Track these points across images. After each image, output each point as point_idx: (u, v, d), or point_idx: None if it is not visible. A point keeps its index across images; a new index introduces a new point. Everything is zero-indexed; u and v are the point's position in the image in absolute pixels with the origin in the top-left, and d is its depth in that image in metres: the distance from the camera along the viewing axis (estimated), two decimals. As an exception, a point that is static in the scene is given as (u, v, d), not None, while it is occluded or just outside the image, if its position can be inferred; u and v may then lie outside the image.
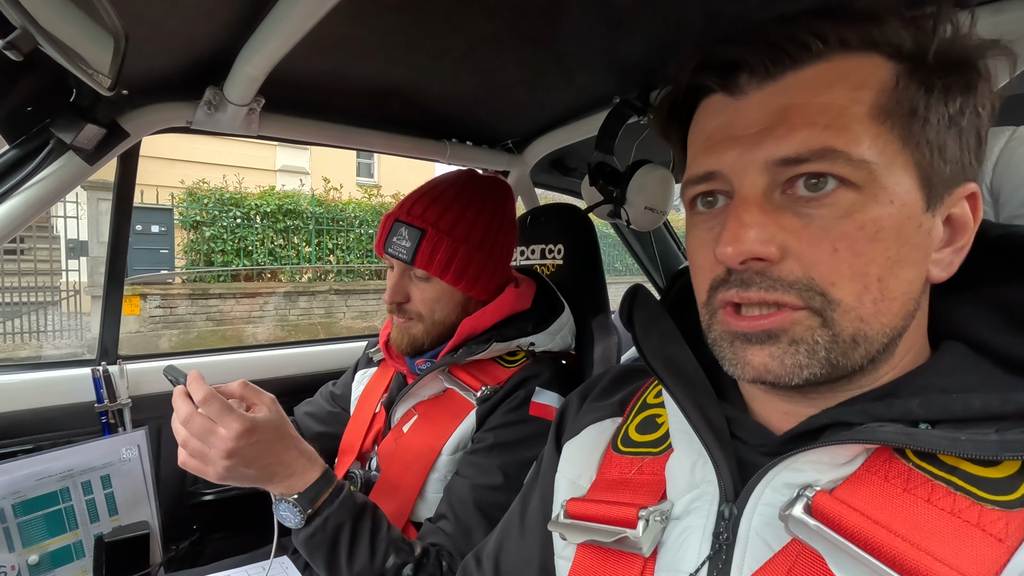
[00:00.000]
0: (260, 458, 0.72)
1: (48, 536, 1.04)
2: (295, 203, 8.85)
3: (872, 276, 0.38)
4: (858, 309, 0.39)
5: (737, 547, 0.42)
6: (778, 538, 0.40)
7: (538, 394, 0.90)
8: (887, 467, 0.38)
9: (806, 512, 0.38)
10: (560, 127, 1.32)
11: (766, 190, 0.41)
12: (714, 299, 0.44)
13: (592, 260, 1.17)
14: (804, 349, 0.40)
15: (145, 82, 0.90)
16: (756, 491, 0.42)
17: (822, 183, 0.39)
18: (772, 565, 0.40)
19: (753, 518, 0.42)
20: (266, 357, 1.45)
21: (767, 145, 0.40)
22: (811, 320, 0.39)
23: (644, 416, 0.56)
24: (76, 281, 7.68)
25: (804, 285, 0.39)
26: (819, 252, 0.39)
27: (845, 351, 0.39)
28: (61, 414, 1.13)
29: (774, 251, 0.39)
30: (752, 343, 0.41)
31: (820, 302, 0.39)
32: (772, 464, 0.42)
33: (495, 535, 0.67)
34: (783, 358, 0.40)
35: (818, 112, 0.38)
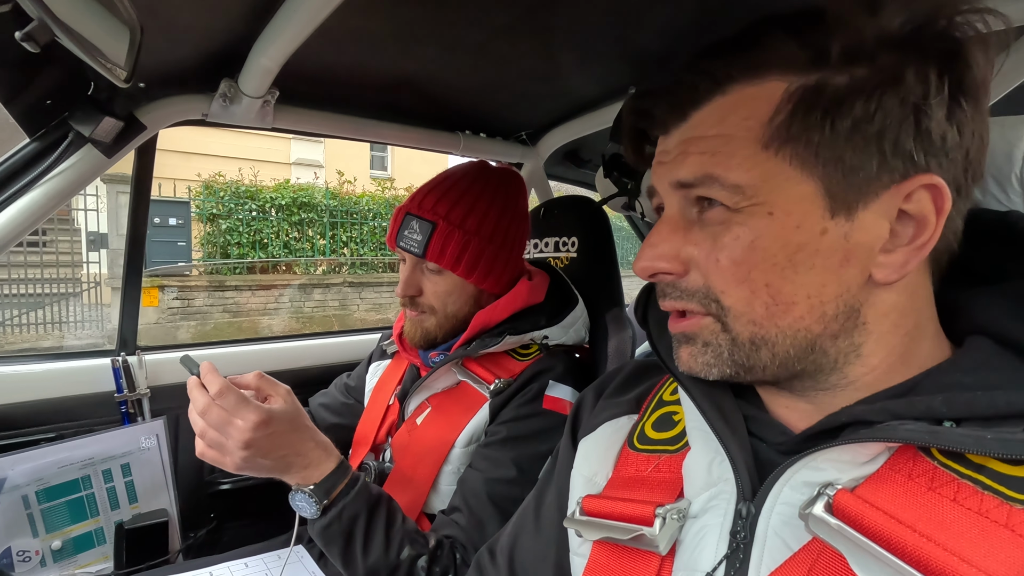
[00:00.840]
0: (277, 449, 0.73)
1: (70, 522, 1.06)
2: (309, 196, 8.91)
3: (758, 283, 0.41)
4: (749, 314, 0.42)
5: (755, 546, 0.41)
6: (797, 537, 0.40)
7: (552, 387, 0.90)
8: (911, 465, 0.37)
9: (827, 511, 0.37)
10: (574, 118, 1.31)
11: (682, 208, 0.45)
12: None
13: (606, 253, 1.16)
14: (711, 351, 0.45)
15: (161, 75, 0.91)
16: (774, 489, 0.42)
17: (709, 204, 0.43)
18: (791, 565, 0.39)
19: (771, 517, 0.41)
20: (281, 349, 1.47)
21: (672, 170, 0.45)
22: (714, 325, 0.44)
23: (660, 413, 0.56)
24: (97, 273, 7.82)
25: (703, 294, 0.44)
26: (710, 264, 0.43)
27: (748, 353, 0.43)
28: (82, 403, 1.15)
29: (677, 266, 0.45)
30: (681, 342, 0.47)
31: (716, 308, 0.43)
32: (791, 462, 0.42)
33: (509, 529, 0.67)
34: (697, 357, 0.46)
35: (708, 143, 0.42)
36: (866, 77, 0.38)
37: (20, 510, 1.01)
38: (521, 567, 0.62)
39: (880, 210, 0.40)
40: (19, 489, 1.01)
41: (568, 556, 0.56)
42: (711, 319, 0.44)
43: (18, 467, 1.02)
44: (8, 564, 1.00)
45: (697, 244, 0.44)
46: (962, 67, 0.38)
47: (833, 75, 0.39)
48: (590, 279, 1.13)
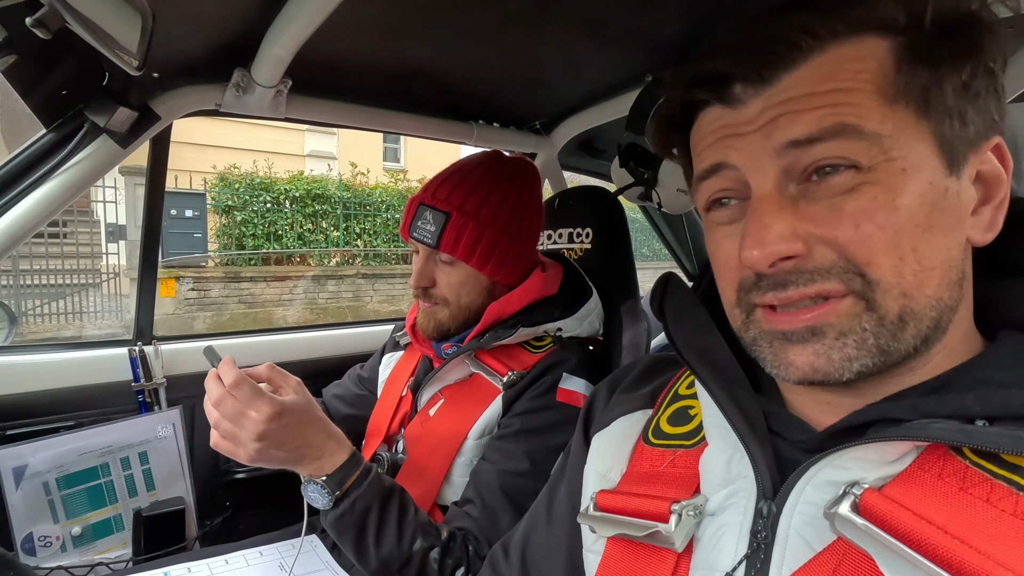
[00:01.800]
0: (289, 440, 0.73)
1: (90, 509, 1.08)
2: (323, 188, 8.96)
3: (906, 247, 0.37)
4: (900, 285, 0.37)
5: (776, 546, 0.40)
6: (820, 537, 0.38)
7: (565, 380, 0.89)
8: (941, 464, 0.36)
9: (853, 510, 0.36)
10: (590, 107, 1.29)
11: (779, 183, 0.40)
12: (749, 299, 0.43)
13: (621, 244, 1.14)
14: (852, 340, 0.38)
15: (175, 64, 0.91)
16: (796, 488, 0.40)
17: (832, 169, 0.38)
18: (814, 565, 0.38)
19: (793, 516, 0.40)
20: (296, 339, 1.47)
21: (774, 134, 0.39)
22: (855, 307, 0.38)
23: (676, 408, 0.55)
24: (115, 264, 7.95)
25: (842, 267, 0.38)
26: (843, 232, 0.38)
27: (894, 333, 0.38)
28: (100, 392, 1.17)
29: (800, 246, 0.38)
30: (794, 342, 0.40)
31: (860, 284, 0.37)
32: (813, 461, 0.40)
33: (522, 526, 0.66)
34: (830, 354, 0.39)
35: (825, 97, 0.38)
36: (960, 44, 0.38)
37: (41, 496, 1.03)
38: (533, 563, 0.62)
39: (970, 171, 0.39)
40: (40, 476, 1.03)
41: (581, 552, 0.55)
42: (851, 300, 0.38)
43: (39, 454, 1.03)
44: (30, 549, 1.02)
45: (815, 218, 0.38)
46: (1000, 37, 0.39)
47: (931, 38, 0.38)
48: (605, 271, 1.11)
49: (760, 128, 0.40)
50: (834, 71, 0.38)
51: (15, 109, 0.89)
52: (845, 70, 0.38)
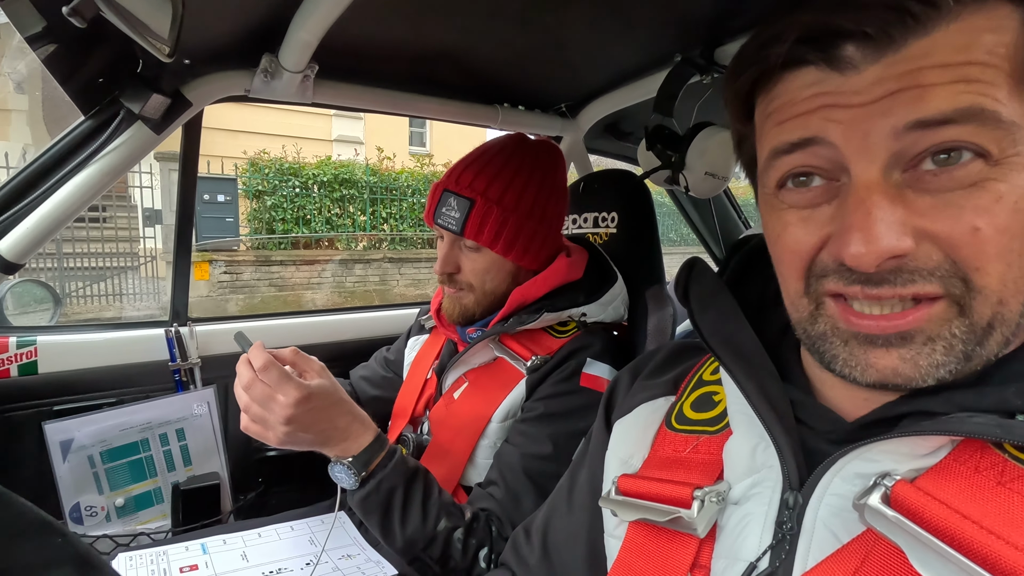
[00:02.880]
0: (316, 423, 0.75)
1: (132, 482, 1.13)
2: (350, 172, 9.04)
3: (1016, 253, 0.34)
4: (1001, 292, 0.34)
5: (802, 537, 0.40)
6: (847, 529, 0.38)
7: (589, 365, 0.89)
8: (978, 457, 0.35)
9: (884, 502, 0.35)
10: (616, 89, 1.26)
11: (886, 168, 0.35)
12: (819, 288, 0.39)
13: (647, 229, 1.13)
14: (941, 346, 0.35)
15: (205, 51, 0.92)
16: (824, 480, 0.40)
17: (956, 156, 0.33)
18: (841, 556, 0.37)
19: (820, 508, 0.39)
20: (323, 322, 1.50)
21: (895, 110, 0.34)
22: (948, 312, 0.35)
23: (700, 393, 0.54)
24: (152, 247, 8.20)
25: (946, 271, 0.35)
26: (959, 232, 0.34)
27: (981, 340, 0.35)
28: (139, 371, 1.21)
29: (910, 244, 0.34)
30: (877, 345, 0.37)
31: (960, 289, 0.35)
32: (842, 452, 0.39)
33: (544, 510, 0.67)
34: (917, 359, 0.36)
35: (959, 71, 0.33)
36: None
37: (87, 469, 1.08)
38: (554, 547, 0.62)
39: None
40: (85, 450, 1.08)
41: (602, 537, 0.55)
42: (945, 304, 0.35)
43: (84, 429, 1.08)
44: (78, 518, 1.07)
45: (926, 213, 0.34)
46: None
47: None
48: (630, 255, 1.10)
49: (876, 101, 0.35)
50: (971, 41, 0.33)
51: (55, 97, 0.93)
52: (983, 42, 0.33)
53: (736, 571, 0.42)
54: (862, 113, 0.35)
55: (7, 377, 1.09)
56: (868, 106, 0.35)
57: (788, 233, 0.40)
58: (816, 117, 0.37)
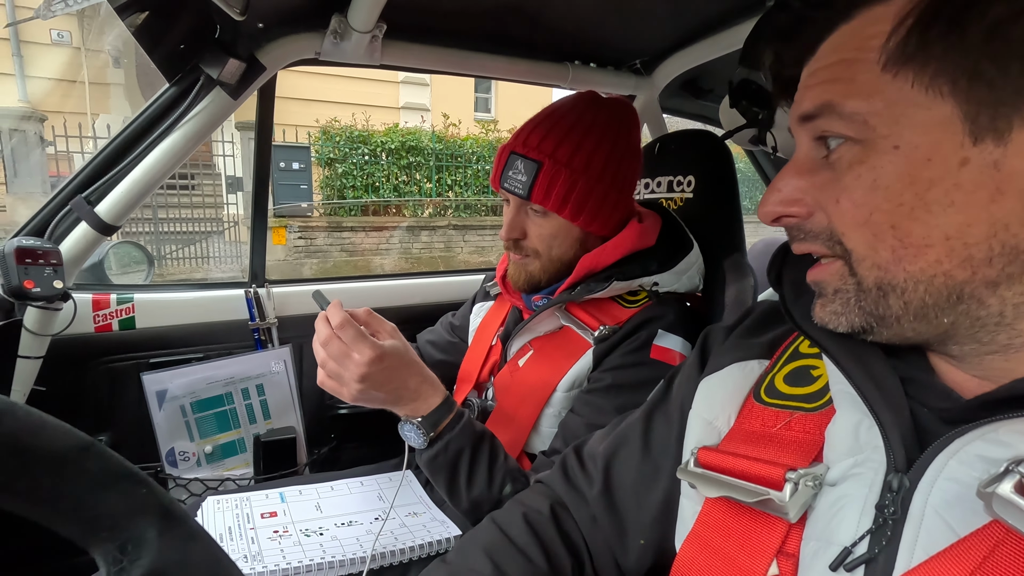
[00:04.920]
0: (389, 382, 0.76)
1: (218, 431, 1.21)
2: (417, 140, 9.14)
3: (882, 225, 0.38)
4: (872, 258, 0.39)
5: (908, 524, 0.36)
6: (966, 520, 0.34)
7: (660, 337, 0.85)
8: None
9: (1018, 492, 0.30)
10: (697, 42, 1.17)
11: (809, 149, 0.42)
12: None
13: (728, 193, 1.05)
14: (840, 298, 0.41)
15: (276, 13, 0.93)
16: (937, 462, 0.36)
17: (830, 141, 0.40)
18: (959, 550, 0.33)
19: (932, 493, 0.35)
20: (391, 286, 1.53)
21: (797, 104, 0.42)
22: (843, 269, 0.41)
23: (796, 366, 0.50)
24: (235, 213, 8.71)
25: (827, 235, 0.41)
26: (830, 204, 0.40)
27: (876, 300, 0.39)
28: (223, 329, 1.29)
29: (798, 209, 0.42)
30: (816, 295, 0.44)
31: (840, 250, 0.40)
32: (960, 431, 0.35)
33: (607, 441, 0.64)
34: (826, 306, 0.43)
35: (828, 71, 0.40)
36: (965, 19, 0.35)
37: (179, 418, 1.17)
38: (619, 484, 0.60)
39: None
40: (177, 400, 1.17)
41: (679, 496, 0.53)
42: (840, 263, 0.41)
43: (176, 381, 1.17)
44: (173, 461, 1.17)
45: (821, 186, 0.41)
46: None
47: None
48: (707, 222, 1.03)
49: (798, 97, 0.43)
50: (847, 38, 0.39)
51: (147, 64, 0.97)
52: (857, 36, 0.38)
53: (828, 556, 0.38)
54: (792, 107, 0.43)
55: (109, 331, 1.19)
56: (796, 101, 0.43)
57: None
58: None
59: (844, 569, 0.37)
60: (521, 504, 0.63)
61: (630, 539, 0.58)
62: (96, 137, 7.58)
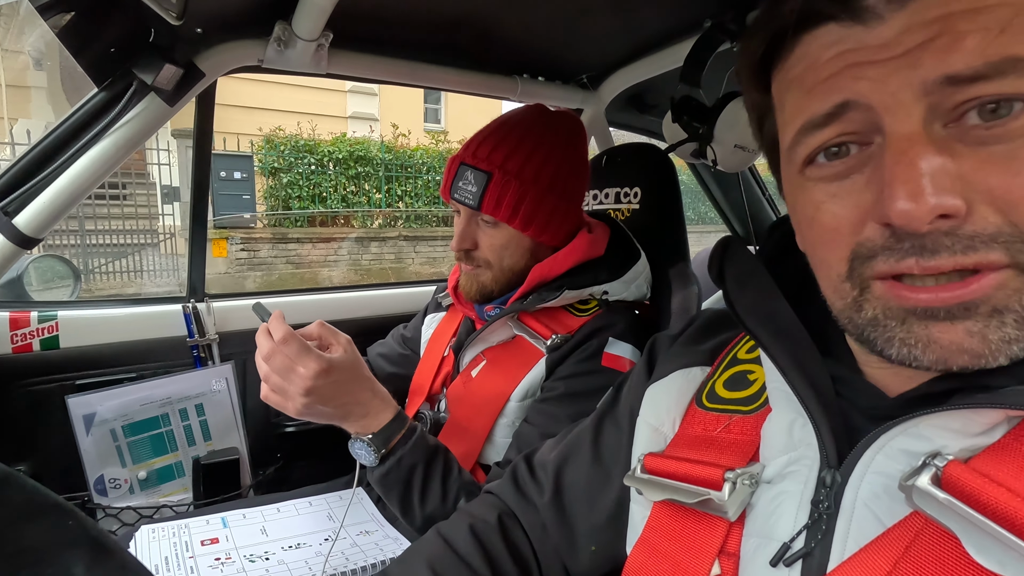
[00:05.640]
0: (337, 397, 0.74)
1: (153, 455, 1.14)
2: (365, 150, 9.01)
3: None
4: None
5: (840, 518, 0.38)
6: (891, 511, 0.36)
7: (611, 345, 0.87)
8: None
9: (935, 483, 0.32)
10: (641, 58, 1.21)
11: (924, 123, 0.32)
12: (864, 271, 0.35)
13: (672, 204, 1.09)
14: (1012, 319, 0.32)
15: (217, 19, 0.89)
16: (865, 457, 0.38)
17: (1004, 108, 0.30)
18: (885, 541, 0.35)
19: (861, 487, 0.37)
20: (340, 299, 1.50)
21: (925, 62, 0.31)
22: (1016, 280, 0.31)
23: (735, 371, 0.52)
24: (171, 224, 8.29)
25: (1009, 236, 0.31)
26: (1019, 188, 0.30)
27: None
28: (158, 346, 1.22)
29: (960, 204, 0.31)
30: (938, 319, 0.33)
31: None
32: (886, 428, 0.37)
33: (556, 449, 0.64)
34: (985, 332, 0.32)
35: (990, 17, 0.30)
36: None
37: (109, 442, 1.10)
38: (570, 491, 0.60)
39: None
40: (108, 423, 1.09)
41: (628, 501, 0.54)
42: (1012, 272, 0.31)
43: (106, 403, 1.09)
44: (102, 490, 1.09)
45: (979, 168, 0.31)
46: None
47: None
48: (653, 232, 1.07)
49: (905, 54, 0.32)
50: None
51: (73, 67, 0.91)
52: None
53: (768, 552, 0.40)
54: (892, 67, 0.32)
55: (30, 351, 1.11)
56: (898, 59, 0.32)
57: (823, 211, 0.37)
58: (845, 78, 0.33)
59: (783, 565, 0.38)
60: (468, 515, 0.63)
61: (581, 546, 0.58)
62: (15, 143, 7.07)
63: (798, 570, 0.38)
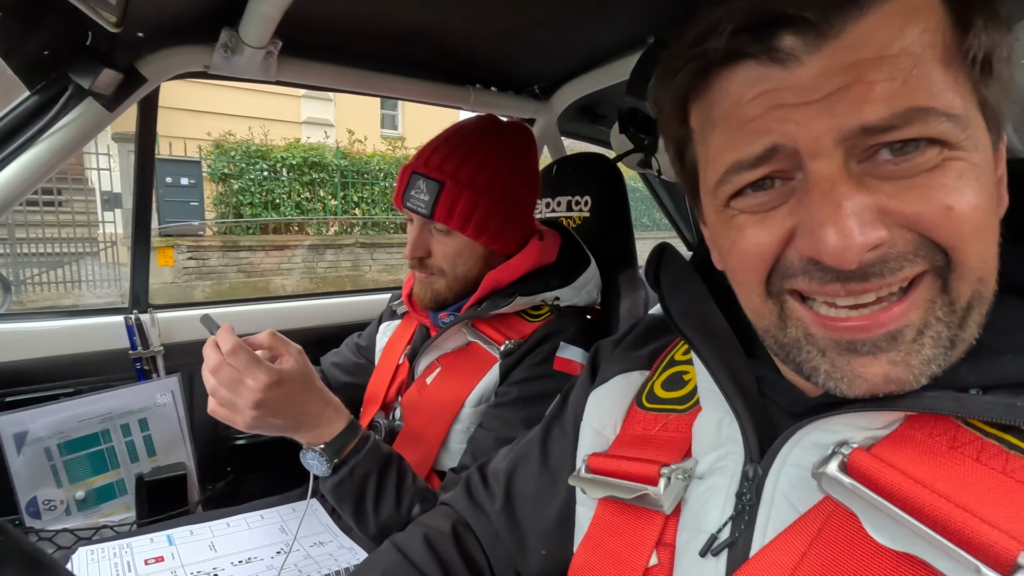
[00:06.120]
0: (287, 409, 0.73)
1: (92, 474, 1.09)
2: (320, 156, 8.84)
3: (988, 228, 0.34)
4: (980, 270, 0.34)
5: (761, 508, 0.41)
6: (806, 499, 0.39)
7: (563, 349, 0.89)
8: (932, 424, 0.36)
9: (841, 470, 0.36)
10: (590, 71, 1.25)
11: (844, 160, 0.34)
12: (780, 286, 0.38)
13: (620, 212, 1.13)
14: (929, 337, 0.34)
15: (159, 24, 0.87)
16: (783, 451, 0.41)
17: (911, 146, 0.33)
18: (799, 526, 0.38)
19: (779, 478, 0.40)
20: (294, 308, 1.47)
21: (842, 110, 0.33)
22: (931, 290, 0.34)
23: (671, 373, 0.55)
24: (112, 232, 7.90)
25: (927, 248, 0.34)
26: (931, 212, 0.33)
27: (962, 321, 0.34)
28: (98, 360, 1.17)
29: (885, 232, 0.33)
30: (862, 353, 0.35)
31: (943, 261, 0.34)
32: (801, 424, 0.40)
33: (507, 458, 0.66)
34: (908, 360, 0.34)
35: (893, 67, 0.32)
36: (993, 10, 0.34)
37: (43, 462, 1.04)
38: (520, 498, 0.62)
39: None
40: (41, 442, 1.04)
41: (575, 504, 0.56)
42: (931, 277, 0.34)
43: (39, 420, 1.04)
44: (35, 512, 1.03)
45: (894, 195, 0.33)
46: None
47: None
48: (603, 239, 1.10)
49: (824, 99, 0.33)
50: (902, 26, 0.32)
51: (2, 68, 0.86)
52: (913, 27, 0.32)
53: (699, 543, 0.43)
54: (813, 112, 0.34)
55: (-46, 368, 1.04)
56: (817, 103, 0.34)
57: (745, 237, 0.38)
58: (772, 119, 0.35)
59: (711, 554, 0.41)
60: (423, 525, 0.64)
61: (531, 550, 0.60)
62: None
63: (724, 559, 0.41)
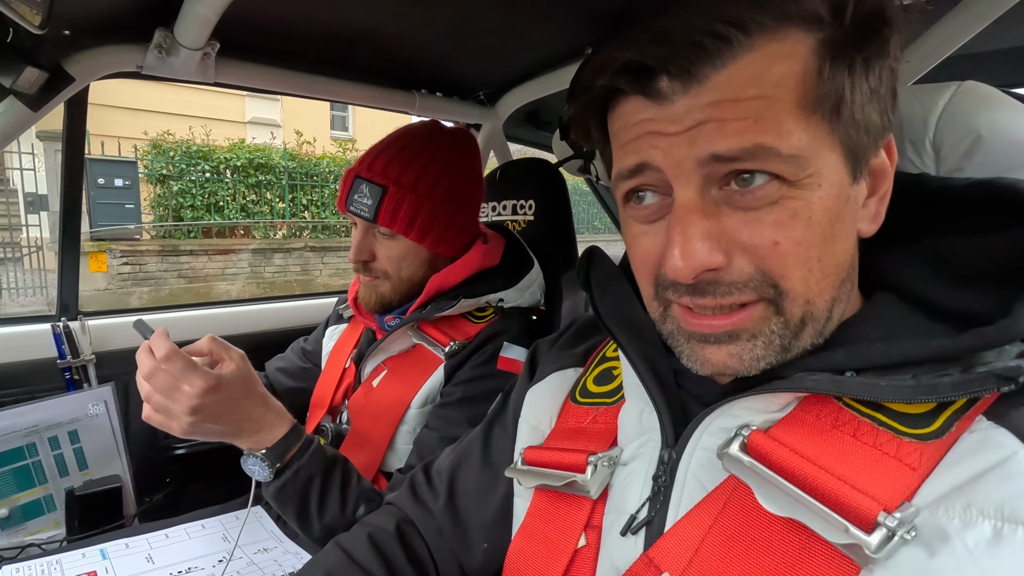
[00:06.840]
0: (226, 414, 0.73)
1: (17, 490, 1.03)
2: (267, 157, 8.57)
3: (813, 259, 0.39)
4: (806, 293, 0.40)
5: (675, 489, 0.45)
6: (713, 478, 0.43)
7: (506, 349, 0.92)
8: (819, 407, 0.41)
9: (742, 450, 0.41)
10: (534, 79, 1.29)
11: (702, 187, 0.39)
12: (665, 295, 0.44)
13: (562, 216, 1.17)
14: (762, 341, 0.41)
15: (88, 22, 0.85)
16: (694, 436, 0.45)
17: (751, 179, 0.38)
18: (707, 502, 0.43)
19: (691, 461, 0.45)
20: (237, 313, 1.44)
21: (699, 142, 0.38)
22: (766, 312, 0.40)
23: (602, 369, 0.58)
24: (38, 237, 7.40)
25: (758, 281, 0.40)
26: (762, 245, 0.39)
27: (796, 333, 0.41)
28: (23, 370, 1.11)
29: (721, 258, 0.39)
30: (710, 343, 0.42)
31: (773, 293, 0.40)
32: (710, 411, 0.45)
33: (451, 457, 0.69)
34: (742, 355, 0.41)
35: (748, 106, 0.37)
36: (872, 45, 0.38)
37: (-39, 480, 0.98)
38: (463, 495, 0.65)
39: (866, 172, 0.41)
40: (-41, 459, 0.98)
41: (513, 497, 0.59)
42: (763, 305, 0.40)
43: (-44, 436, 0.98)
44: (-47, 534, 0.97)
45: (737, 228, 0.39)
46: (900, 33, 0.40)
47: (849, 36, 0.37)
48: (547, 241, 1.14)
49: (686, 131, 0.38)
50: (760, 73, 0.37)
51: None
52: (771, 73, 0.37)
53: (620, 523, 0.47)
54: (676, 141, 0.39)
55: None
56: (680, 135, 0.39)
57: (638, 244, 0.45)
58: (643, 143, 0.41)
59: (631, 533, 0.46)
60: (367, 525, 0.65)
61: (474, 544, 0.62)
62: None
63: (642, 536, 0.45)
